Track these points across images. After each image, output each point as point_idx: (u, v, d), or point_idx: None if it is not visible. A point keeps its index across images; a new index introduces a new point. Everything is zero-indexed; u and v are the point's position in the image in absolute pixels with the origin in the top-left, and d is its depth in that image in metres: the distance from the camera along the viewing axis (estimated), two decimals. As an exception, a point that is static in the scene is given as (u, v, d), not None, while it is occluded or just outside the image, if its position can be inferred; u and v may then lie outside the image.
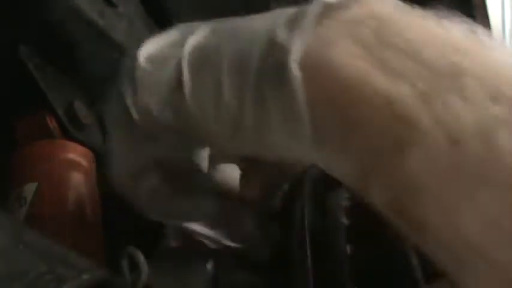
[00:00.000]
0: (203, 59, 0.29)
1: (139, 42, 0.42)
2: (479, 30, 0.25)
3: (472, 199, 0.21)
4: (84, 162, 0.38)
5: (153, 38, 0.31)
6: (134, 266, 0.33)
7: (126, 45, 0.42)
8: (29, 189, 0.35)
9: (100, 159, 0.40)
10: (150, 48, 0.30)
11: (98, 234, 0.37)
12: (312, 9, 0.26)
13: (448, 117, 0.22)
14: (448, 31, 0.25)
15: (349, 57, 0.25)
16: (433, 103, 0.22)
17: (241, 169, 0.38)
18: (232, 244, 0.38)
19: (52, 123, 0.39)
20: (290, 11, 0.27)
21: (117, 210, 0.41)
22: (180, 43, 0.29)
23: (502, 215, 0.20)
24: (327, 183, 0.34)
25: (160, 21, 0.49)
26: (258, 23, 0.28)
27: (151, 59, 0.30)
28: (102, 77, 0.43)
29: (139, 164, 0.32)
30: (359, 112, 0.24)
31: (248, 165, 0.38)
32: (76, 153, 0.38)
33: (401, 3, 0.27)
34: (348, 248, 0.34)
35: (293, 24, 0.26)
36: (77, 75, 0.41)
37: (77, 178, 0.37)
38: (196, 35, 0.29)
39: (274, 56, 0.26)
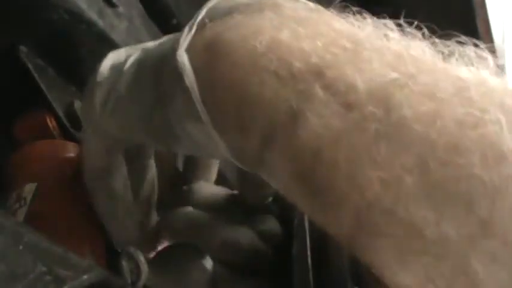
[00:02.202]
0: (138, 67, 0.31)
1: (139, 42, 0.42)
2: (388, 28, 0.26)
3: (372, 157, 0.21)
4: (84, 162, 0.38)
5: (119, 50, 0.33)
6: (134, 266, 0.33)
7: (126, 45, 0.42)
8: (29, 189, 0.35)
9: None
10: (112, 58, 0.32)
11: (98, 234, 0.37)
12: (212, 2, 0.29)
13: (341, 86, 0.23)
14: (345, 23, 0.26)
15: (240, 39, 0.26)
16: (325, 75, 0.23)
17: None
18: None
19: (52, 123, 0.39)
20: None
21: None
22: (131, 55, 0.32)
23: (403, 172, 0.21)
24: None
25: (160, 21, 0.49)
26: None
27: (111, 68, 0.32)
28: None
29: (105, 161, 0.34)
30: (250, 88, 0.25)
31: None
32: (76, 153, 0.38)
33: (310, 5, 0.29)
34: (348, 248, 0.34)
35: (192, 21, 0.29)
36: (77, 75, 0.41)
37: (76, 178, 0.37)
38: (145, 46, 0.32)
39: (171, 51, 0.28)
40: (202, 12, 0.28)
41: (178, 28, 0.51)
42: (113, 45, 0.41)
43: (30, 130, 0.39)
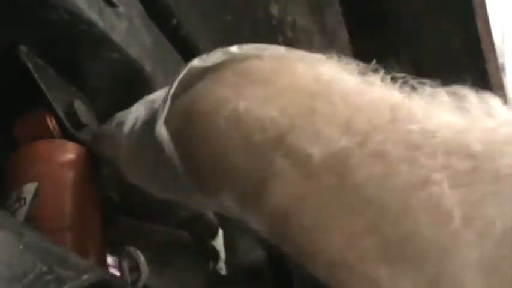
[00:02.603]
0: (142, 129, 0.34)
1: (139, 42, 0.42)
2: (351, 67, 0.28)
3: (332, 221, 0.23)
4: (83, 162, 0.38)
5: (138, 108, 0.36)
6: (134, 266, 0.33)
7: (126, 45, 0.42)
8: (29, 189, 0.35)
9: (99, 159, 0.40)
10: (133, 116, 0.35)
11: (98, 234, 0.37)
12: (181, 74, 0.31)
13: (299, 155, 0.25)
14: (316, 74, 0.28)
15: (206, 113, 0.28)
16: (284, 142, 0.25)
17: None
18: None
19: (52, 123, 0.39)
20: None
21: (117, 210, 0.41)
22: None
23: (360, 233, 0.23)
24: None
25: (160, 21, 0.49)
26: None
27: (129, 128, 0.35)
28: (102, 77, 0.43)
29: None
30: (220, 162, 0.28)
31: None
32: (76, 153, 0.38)
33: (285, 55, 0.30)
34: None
35: (168, 91, 0.31)
36: (77, 75, 0.41)
37: (76, 178, 0.37)
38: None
39: (155, 117, 0.31)
40: (174, 87, 0.30)
41: (178, 28, 0.51)
42: (113, 46, 0.41)
43: (30, 130, 0.39)
